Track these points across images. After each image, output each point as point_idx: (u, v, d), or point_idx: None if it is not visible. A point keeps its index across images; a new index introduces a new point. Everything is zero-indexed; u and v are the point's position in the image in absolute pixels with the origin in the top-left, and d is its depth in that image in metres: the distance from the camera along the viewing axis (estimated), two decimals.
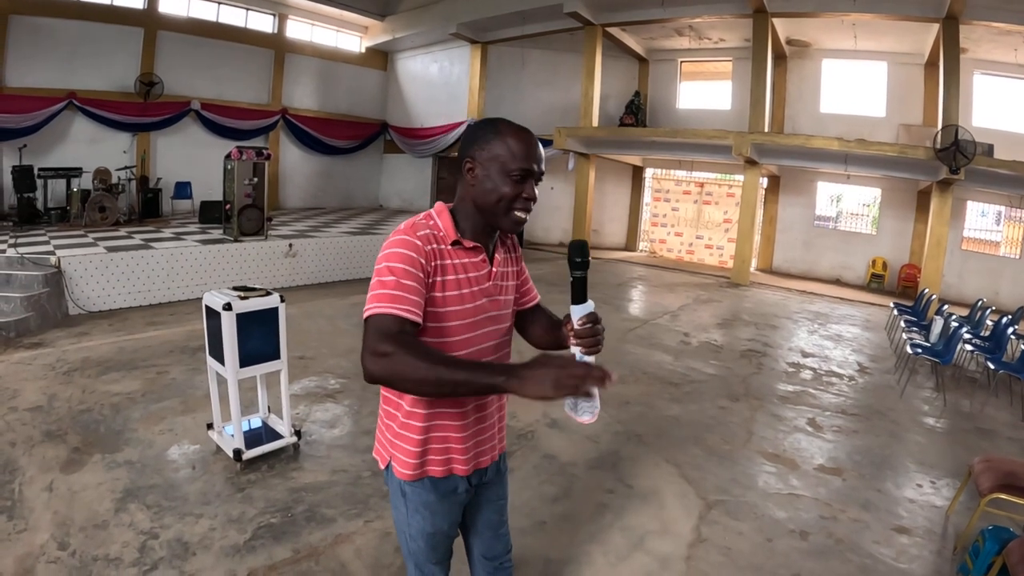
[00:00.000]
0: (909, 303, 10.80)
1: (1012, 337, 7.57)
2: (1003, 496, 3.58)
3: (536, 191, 1.73)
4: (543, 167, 1.73)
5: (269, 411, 4.79)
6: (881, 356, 8.63)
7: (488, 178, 1.68)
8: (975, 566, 3.29)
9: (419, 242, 1.63)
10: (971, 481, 3.96)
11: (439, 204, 1.81)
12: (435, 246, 1.67)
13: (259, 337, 4.20)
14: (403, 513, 1.90)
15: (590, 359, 1.66)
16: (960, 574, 3.46)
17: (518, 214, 1.71)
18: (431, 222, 1.73)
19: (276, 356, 4.36)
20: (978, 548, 3.33)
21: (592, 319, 1.66)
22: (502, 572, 2.15)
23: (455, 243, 1.72)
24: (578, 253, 1.66)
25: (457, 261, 1.72)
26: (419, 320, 1.57)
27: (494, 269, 1.83)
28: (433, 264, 1.65)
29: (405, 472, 1.82)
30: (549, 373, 1.34)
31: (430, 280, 1.65)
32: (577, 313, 1.67)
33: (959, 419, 6.30)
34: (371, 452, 4.37)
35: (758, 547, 3.69)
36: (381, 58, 21.55)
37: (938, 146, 11.56)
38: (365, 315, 1.55)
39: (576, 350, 1.67)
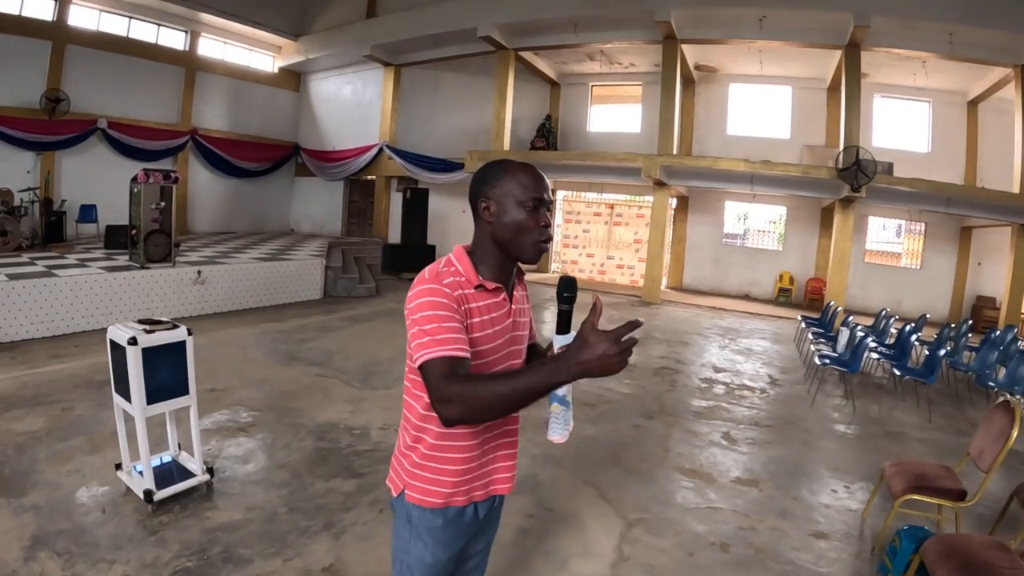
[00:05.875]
0: (816, 315, 11.14)
1: (916, 344, 7.85)
2: (915, 497, 3.63)
3: (549, 218, 1.83)
4: (551, 195, 1.83)
5: (179, 448, 4.50)
6: (791, 368, 8.81)
7: (505, 212, 1.76)
8: (893, 565, 3.30)
9: (447, 289, 1.68)
10: (884, 484, 4.01)
11: (458, 249, 1.84)
12: (461, 291, 1.72)
13: (167, 372, 3.96)
14: (405, 540, 1.89)
15: (567, 386, 1.73)
16: (880, 574, 3.47)
17: (540, 243, 1.80)
18: (452, 268, 1.77)
19: (185, 391, 4.11)
20: (895, 548, 3.34)
21: None
22: None
23: (478, 287, 1.76)
24: (566, 288, 1.75)
25: (481, 303, 1.76)
26: (468, 355, 1.64)
27: (513, 306, 1.88)
28: (463, 308, 1.70)
29: (420, 498, 1.83)
30: (597, 359, 1.42)
31: (465, 323, 1.69)
32: (559, 342, 1.73)
33: (869, 424, 6.45)
34: (285, 487, 4.27)
35: (680, 562, 3.62)
36: (294, 79, 21.23)
37: (840, 166, 12.06)
38: (418, 363, 1.61)
39: None
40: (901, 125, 15.04)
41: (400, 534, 1.90)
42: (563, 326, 1.77)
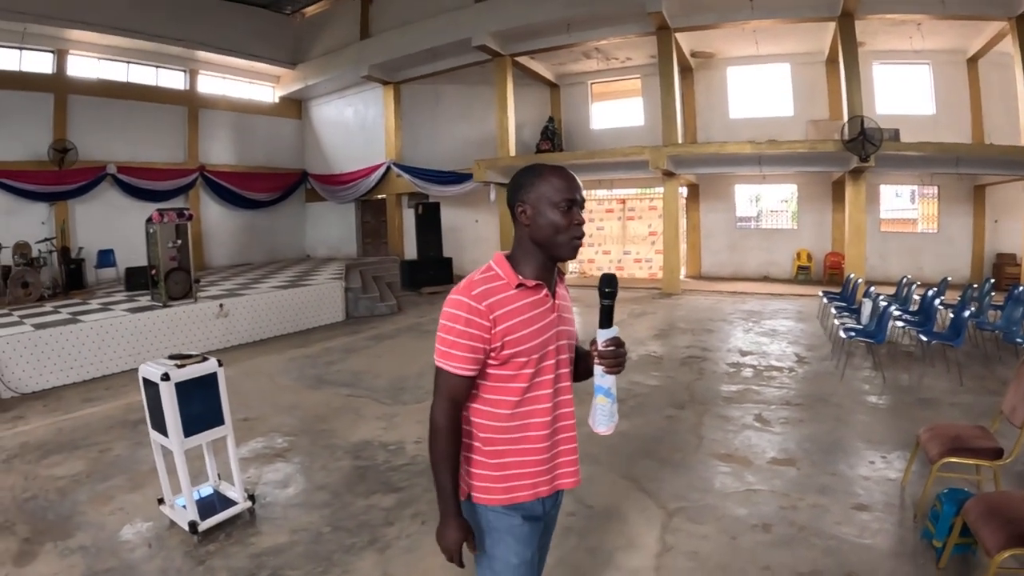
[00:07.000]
0: (837, 289, 11.07)
1: (940, 308, 7.78)
2: (953, 459, 3.62)
3: (583, 216, 1.92)
4: (583, 195, 1.91)
5: (219, 478, 4.57)
6: (817, 344, 8.78)
7: (540, 214, 1.85)
8: (937, 529, 3.30)
9: (473, 302, 1.78)
10: (920, 451, 4.00)
11: (498, 255, 1.94)
12: (495, 298, 1.80)
13: (201, 404, 4.02)
14: (486, 546, 1.92)
15: (611, 378, 1.87)
16: (924, 539, 3.47)
17: (575, 240, 1.88)
18: (491, 273, 1.87)
19: (220, 422, 4.16)
20: (937, 512, 3.34)
21: (615, 342, 1.84)
22: None
23: (519, 286, 1.85)
24: (607, 284, 1.87)
25: (524, 302, 1.85)
26: (472, 374, 1.82)
27: (557, 302, 1.96)
28: (493, 316, 1.79)
29: (487, 497, 1.89)
30: (442, 541, 1.84)
31: (494, 331, 1.79)
32: (602, 336, 1.84)
33: (900, 393, 6.43)
34: (327, 507, 4.32)
35: (724, 547, 3.63)
36: (295, 106, 21.45)
37: (846, 138, 11.99)
38: (436, 362, 1.85)
39: (599, 369, 1.86)
40: (903, 90, 14.91)
41: (479, 544, 1.93)
42: (606, 321, 1.86)
